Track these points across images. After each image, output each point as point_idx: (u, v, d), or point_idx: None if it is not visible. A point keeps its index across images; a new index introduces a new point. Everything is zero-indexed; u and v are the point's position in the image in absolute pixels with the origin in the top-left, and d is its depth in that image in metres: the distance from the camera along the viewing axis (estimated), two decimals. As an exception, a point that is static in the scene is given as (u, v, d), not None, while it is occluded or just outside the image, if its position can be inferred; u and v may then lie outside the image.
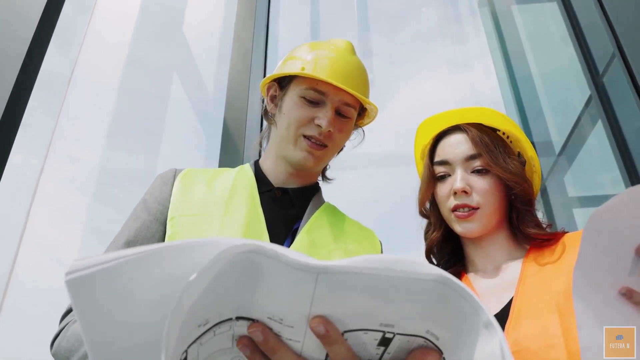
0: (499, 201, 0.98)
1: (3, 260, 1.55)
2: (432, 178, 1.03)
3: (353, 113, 1.03)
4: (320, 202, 1.06)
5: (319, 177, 1.12)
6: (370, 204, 2.58)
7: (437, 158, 1.03)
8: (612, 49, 1.96)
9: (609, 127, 2.01)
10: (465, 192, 0.96)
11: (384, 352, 0.46)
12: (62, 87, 1.92)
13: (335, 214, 1.06)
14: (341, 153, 1.11)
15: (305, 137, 0.98)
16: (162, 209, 0.94)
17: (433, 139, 1.07)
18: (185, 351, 0.42)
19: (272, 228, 0.95)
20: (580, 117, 2.34)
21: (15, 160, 1.45)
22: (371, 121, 1.13)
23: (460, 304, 0.40)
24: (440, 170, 1.02)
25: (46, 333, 0.85)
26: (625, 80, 1.85)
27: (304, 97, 0.99)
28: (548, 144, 2.59)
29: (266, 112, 1.09)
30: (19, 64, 1.45)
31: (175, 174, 1.01)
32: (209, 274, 0.38)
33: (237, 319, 0.44)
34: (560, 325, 0.78)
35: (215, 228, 0.91)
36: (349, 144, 1.11)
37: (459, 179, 0.97)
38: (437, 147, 1.05)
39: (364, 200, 2.59)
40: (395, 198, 2.53)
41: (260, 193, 1.00)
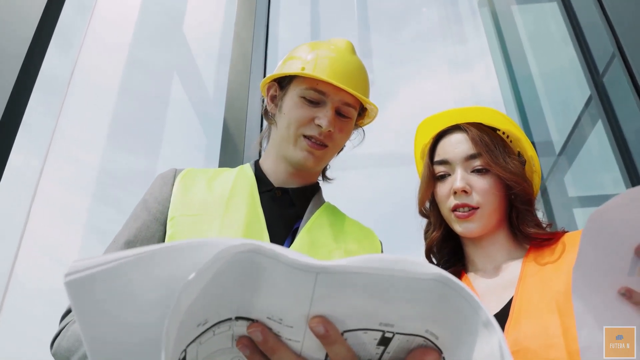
0: (499, 201, 0.97)
1: (3, 260, 1.55)
2: (432, 177, 1.03)
3: (353, 113, 1.03)
4: (321, 202, 1.06)
5: (319, 177, 1.12)
6: (371, 204, 2.58)
7: (437, 157, 1.03)
8: (612, 49, 1.96)
9: (609, 127, 2.01)
10: (465, 191, 0.96)
11: (383, 352, 0.46)
12: (62, 88, 1.92)
13: (335, 214, 1.06)
14: (341, 153, 1.11)
15: (305, 137, 0.98)
16: (162, 209, 0.94)
17: (433, 138, 1.07)
18: (184, 350, 0.42)
19: (272, 228, 0.95)
20: (580, 117, 2.33)
21: (16, 160, 1.45)
22: (371, 121, 1.13)
23: (459, 304, 0.40)
24: (440, 169, 1.02)
25: (46, 333, 0.85)
26: (625, 80, 1.85)
27: (304, 97, 0.99)
28: (548, 144, 2.59)
29: (266, 112, 1.09)
30: (19, 65, 1.45)
31: (176, 173, 1.01)
32: (208, 274, 0.38)
33: (237, 319, 0.44)
34: (560, 325, 0.78)
35: (215, 228, 0.91)
36: (349, 144, 1.11)
37: (458, 178, 0.97)
38: (437, 147, 1.05)
39: (364, 201, 2.59)
40: (395, 198, 2.53)
41: (261, 193, 1.00)
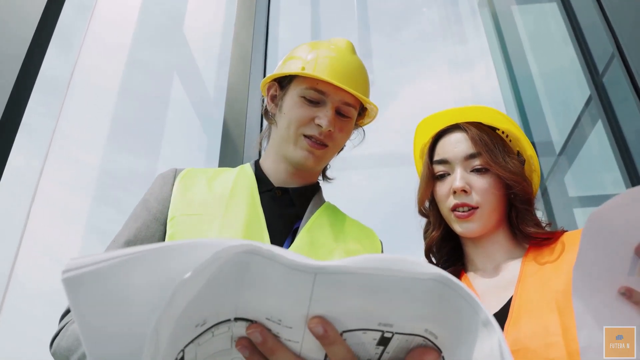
0: (499, 200, 0.97)
1: (3, 260, 1.55)
2: (432, 177, 1.03)
3: (353, 113, 1.03)
4: (321, 202, 1.06)
5: (320, 177, 1.12)
6: (371, 204, 2.58)
7: (436, 157, 1.03)
8: (612, 49, 1.96)
9: (609, 127, 2.01)
10: (464, 191, 0.96)
11: (383, 352, 0.46)
12: (62, 88, 1.92)
13: (335, 214, 1.06)
14: (342, 153, 1.11)
15: (305, 136, 0.98)
16: (163, 208, 0.95)
17: (432, 137, 1.07)
18: (182, 351, 0.42)
19: (272, 227, 0.95)
20: (580, 117, 2.33)
21: (16, 161, 1.45)
22: (371, 121, 1.13)
23: (459, 304, 0.40)
24: (439, 169, 1.02)
25: (46, 333, 0.85)
26: (625, 80, 1.85)
27: (304, 97, 0.99)
28: (548, 144, 2.58)
29: (266, 112, 1.09)
30: (18, 65, 1.45)
31: (176, 173, 1.01)
32: (205, 274, 0.38)
33: (236, 319, 0.44)
34: (560, 324, 0.78)
35: (215, 228, 0.91)
36: (349, 144, 1.11)
37: (458, 178, 0.97)
38: (436, 146, 1.05)
39: (365, 200, 2.59)
40: (396, 198, 2.52)
41: (261, 193, 1.00)
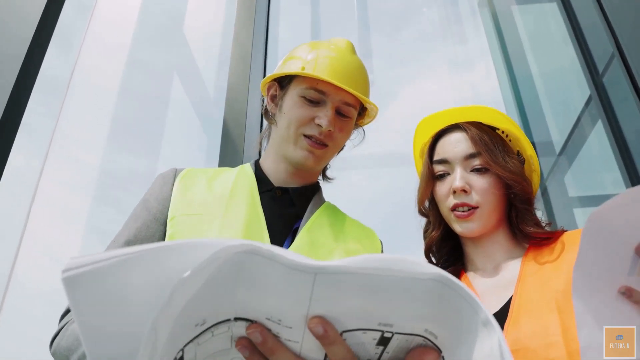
0: (498, 200, 0.97)
1: (3, 260, 1.55)
2: (431, 177, 1.03)
3: (353, 112, 1.03)
4: (321, 202, 1.06)
5: (320, 177, 1.12)
6: (371, 204, 2.58)
7: (436, 157, 1.03)
8: (612, 49, 1.96)
9: (608, 127, 2.01)
10: (464, 190, 0.96)
11: (383, 352, 0.46)
12: (62, 88, 1.92)
13: (335, 214, 1.06)
14: (342, 153, 1.11)
15: (305, 136, 0.98)
16: (162, 208, 0.94)
17: (432, 137, 1.07)
18: (182, 350, 0.42)
19: (272, 227, 0.95)
20: (580, 117, 2.33)
21: (15, 161, 1.45)
22: (371, 120, 1.13)
23: (459, 304, 0.40)
24: (439, 168, 1.02)
25: (46, 333, 0.85)
26: (625, 80, 1.85)
27: (304, 97, 0.99)
28: (548, 144, 2.58)
29: (266, 112, 1.09)
30: (18, 65, 1.45)
31: (176, 173, 1.01)
32: (204, 273, 0.38)
33: (236, 319, 0.44)
34: (560, 324, 0.78)
35: (215, 228, 0.91)
36: (349, 144, 1.11)
37: (458, 177, 0.97)
38: (436, 146, 1.05)
39: (365, 201, 2.59)
40: (396, 198, 2.52)
41: (261, 192, 1.00)
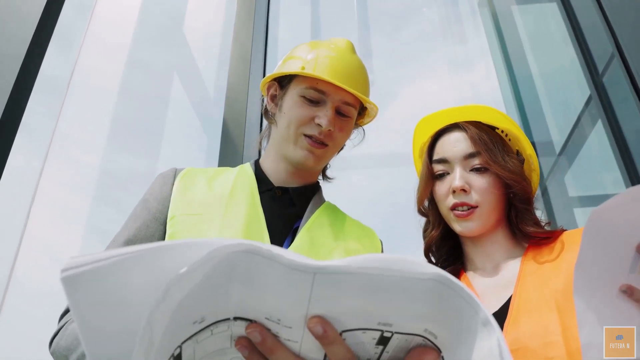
0: (498, 199, 0.97)
1: (3, 260, 1.55)
2: (431, 176, 1.03)
3: (353, 112, 1.03)
4: (321, 201, 1.06)
5: (320, 177, 1.12)
6: (371, 204, 2.58)
7: (435, 156, 1.03)
8: (612, 49, 1.96)
9: (608, 127, 2.01)
10: (464, 190, 0.96)
11: (382, 351, 0.45)
12: (62, 88, 1.92)
13: (335, 213, 1.05)
14: (342, 153, 1.11)
15: (305, 136, 0.98)
16: (162, 208, 0.94)
17: (432, 137, 1.07)
18: (180, 347, 0.42)
19: (272, 227, 0.95)
20: (580, 117, 2.33)
21: (16, 161, 1.45)
22: (371, 120, 1.13)
23: (458, 303, 0.40)
24: (438, 168, 1.02)
25: (46, 333, 0.85)
26: (625, 80, 1.85)
27: (304, 97, 0.99)
28: (548, 144, 2.58)
29: (266, 112, 1.09)
30: (18, 65, 1.45)
31: (176, 173, 1.01)
32: (201, 270, 0.38)
33: (235, 319, 0.44)
34: (560, 323, 0.78)
35: (215, 227, 0.91)
36: (349, 143, 1.11)
37: (457, 177, 0.97)
38: (435, 145, 1.05)
39: (364, 200, 2.59)
40: (396, 198, 2.52)
41: (261, 192, 1.00)
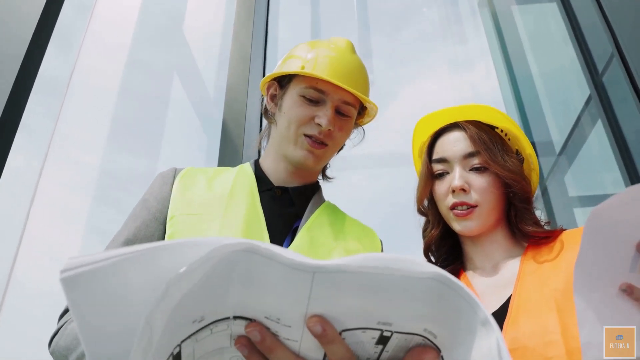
0: (497, 199, 0.97)
1: (3, 260, 1.55)
2: (430, 176, 1.03)
3: (353, 112, 1.03)
4: (321, 201, 1.06)
5: (319, 176, 1.12)
6: (371, 204, 2.58)
7: (435, 156, 1.03)
8: (611, 49, 1.96)
9: (608, 126, 2.01)
10: (463, 189, 0.96)
11: (382, 351, 0.45)
12: (62, 88, 1.92)
13: (335, 213, 1.05)
14: (342, 153, 1.11)
15: (305, 135, 0.98)
16: (162, 208, 0.94)
17: (431, 136, 1.07)
18: (179, 346, 0.42)
19: (272, 227, 0.95)
20: (580, 117, 2.33)
21: (15, 161, 1.45)
22: (371, 120, 1.13)
23: (458, 303, 0.40)
24: (438, 167, 1.01)
25: (46, 333, 0.85)
26: (625, 80, 1.85)
27: (304, 96, 0.99)
28: (548, 144, 2.58)
29: (266, 111, 1.09)
30: (18, 65, 1.44)
31: (175, 173, 1.01)
32: (201, 269, 0.38)
33: (235, 318, 0.44)
34: (559, 323, 0.78)
35: (215, 227, 0.91)
36: (349, 143, 1.11)
37: (457, 176, 0.97)
38: (435, 145, 1.04)
39: (364, 200, 2.59)
40: (395, 198, 2.53)
41: (261, 192, 1.00)
